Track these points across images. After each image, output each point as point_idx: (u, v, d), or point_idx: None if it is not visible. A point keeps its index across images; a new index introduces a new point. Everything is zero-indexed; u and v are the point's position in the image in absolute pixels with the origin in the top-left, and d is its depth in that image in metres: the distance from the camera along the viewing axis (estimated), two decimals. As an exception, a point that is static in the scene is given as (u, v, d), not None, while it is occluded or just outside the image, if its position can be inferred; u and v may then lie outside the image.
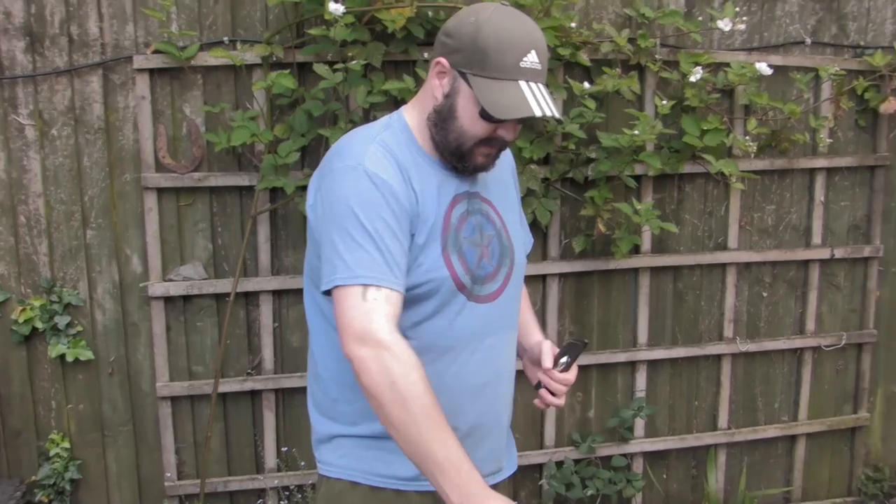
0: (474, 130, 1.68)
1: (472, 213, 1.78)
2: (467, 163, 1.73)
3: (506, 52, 1.63)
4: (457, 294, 1.71)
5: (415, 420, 1.50)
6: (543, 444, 3.42)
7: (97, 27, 2.89)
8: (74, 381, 3.08)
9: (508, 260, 1.83)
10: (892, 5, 3.46)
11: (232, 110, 2.97)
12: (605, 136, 3.13)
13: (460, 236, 1.73)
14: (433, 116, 1.72)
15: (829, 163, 3.47)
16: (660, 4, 3.24)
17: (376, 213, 1.61)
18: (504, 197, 1.89)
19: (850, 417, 3.71)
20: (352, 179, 1.64)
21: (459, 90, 1.67)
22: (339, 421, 1.81)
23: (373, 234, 1.59)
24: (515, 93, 1.62)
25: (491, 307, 1.78)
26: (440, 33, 1.72)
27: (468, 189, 1.79)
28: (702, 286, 3.48)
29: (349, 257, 1.59)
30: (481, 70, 1.63)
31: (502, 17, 1.66)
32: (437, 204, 1.72)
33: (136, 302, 3.06)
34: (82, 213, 2.98)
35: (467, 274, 1.73)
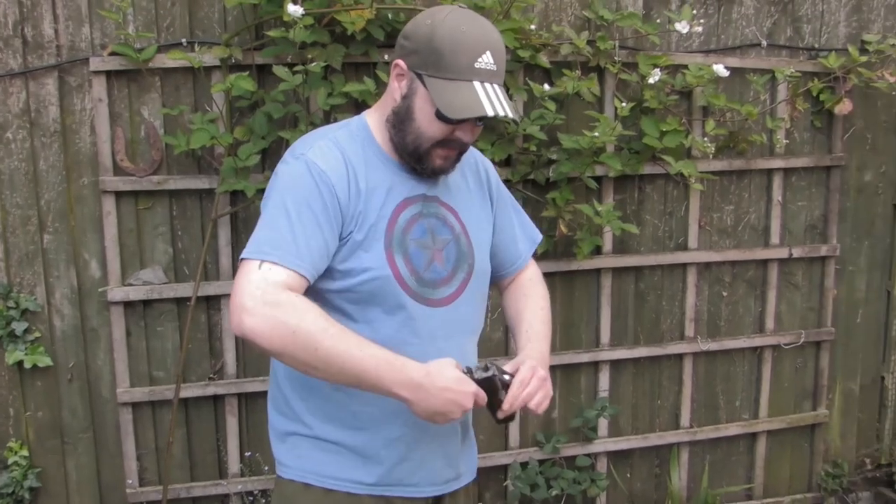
0: (431, 132, 1.69)
1: (424, 216, 1.77)
2: (425, 164, 1.73)
3: (460, 53, 1.63)
4: (401, 295, 1.71)
5: (332, 351, 1.54)
6: (508, 446, 3.41)
7: (52, 28, 2.84)
8: (33, 388, 3.01)
9: (466, 265, 1.82)
10: (844, 8, 3.50)
11: (191, 113, 2.93)
12: (565, 138, 3.13)
13: (407, 237, 1.73)
14: (391, 118, 1.73)
15: (786, 163, 3.50)
16: (618, 7, 3.25)
17: (303, 198, 1.63)
18: (469, 206, 1.88)
19: (810, 414, 3.74)
20: (290, 169, 1.68)
21: (416, 91, 1.68)
22: (291, 418, 1.81)
23: (292, 216, 1.61)
24: (469, 93, 1.63)
25: (445, 311, 1.77)
26: (399, 36, 1.73)
27: (425, 192, 1.79)
28: (663, 286, 3.49)
29: (261, 234, 1.62)
30: (436, 71, 1.64)
31: (457, 18, 1.67)
32: (384, 203, 1.72)
33: (95, 307, 3.01)
34: (39, 217, 2.92)
35: (412, 275, 1.73)
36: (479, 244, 1.87)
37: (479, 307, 1.90)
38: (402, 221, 1.74)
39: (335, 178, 1.66)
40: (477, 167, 1.95)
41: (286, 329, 1.53)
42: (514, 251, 2.03)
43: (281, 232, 1.60)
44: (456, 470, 1.90)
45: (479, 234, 1.88)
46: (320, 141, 1.72)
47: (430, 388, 1.59)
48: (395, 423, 1.76)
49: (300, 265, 1.59)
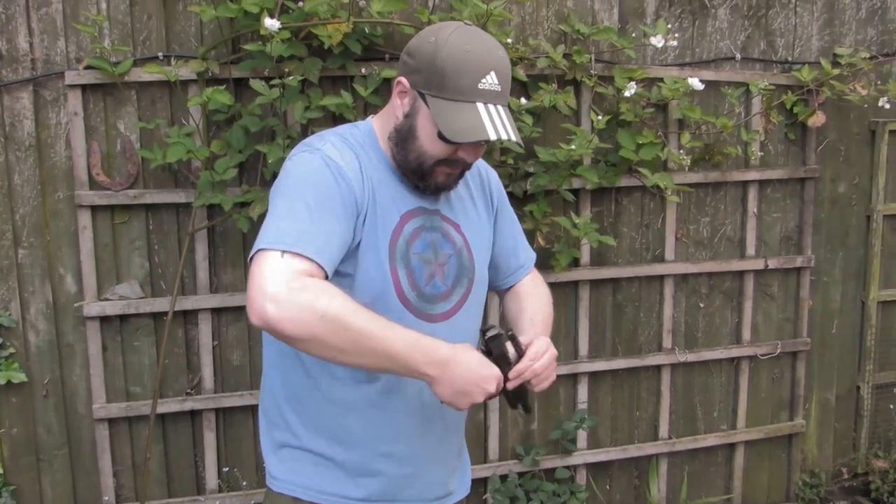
0: (433, 151, 1.65)
1: (427, 230, 1.74)
2: (428, 182, 1.70)
3: (463, 74, 1.59)
4: (402, 310, 1.67)
5: (361, 332, 1.48)
6: (487, 458, 3.38)
7: (27, 42, 2.80)
8: (7, 405, 2.95)
9: (467, 280, 1.79)
10: (817, 22, 3.52)
11: (167, 126, 2.90)
12: (542, 151, 3.12)
13: (410, 250, 1.70)
14: (394, 135, 1.70)
15: (761, 175, 3.51)
16: (594, 21, 3.25)
17: (323, 191, 1.58)
18: (472, 218, 1.85)
19: (787, 425, 3.74)
20: (307, 161, 1.63)
21: (419, 111, 1.65)
22: (284, 430, 1.78)
23: (312, 208, 1.55)
24: (472, 115, 1.59)
25: (443, 326, 1.73)
26: (403, 52, 1.70)
27: (427, 206, 1.75)
28: (640, 298, 3.48)
29: (281, 224, 1.53)
30: (439, 91, 1.60)
31: (462, 37, 1.62)
32: (389, 211, 1.69)
33: (70, 322, 2.96)
34: (13, 232, 2.87)
35: (413, 289, 1.69)
36: (481, 257, 1.85)
37: (476, 319, 1.86)
38: (406, 233, 1.70)
39: (352, 175, 1.63)
40: (480, 175, 1.93)
41: (314, 314, 1.44)
42: (515, 261, 2.00)
43: (302, 223, 1.53)
44: (447, 487, 1.88)
45: (480, 247, 1.85)
46: (333, 137, 1.70)
47: (455, 367, 1.54)
48: (389, 437, 1.74)
49: (322, 257, 1.52)
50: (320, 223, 1.55)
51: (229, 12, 2.76)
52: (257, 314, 1.45)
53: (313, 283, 1.47)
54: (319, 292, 1.46)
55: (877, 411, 3.88)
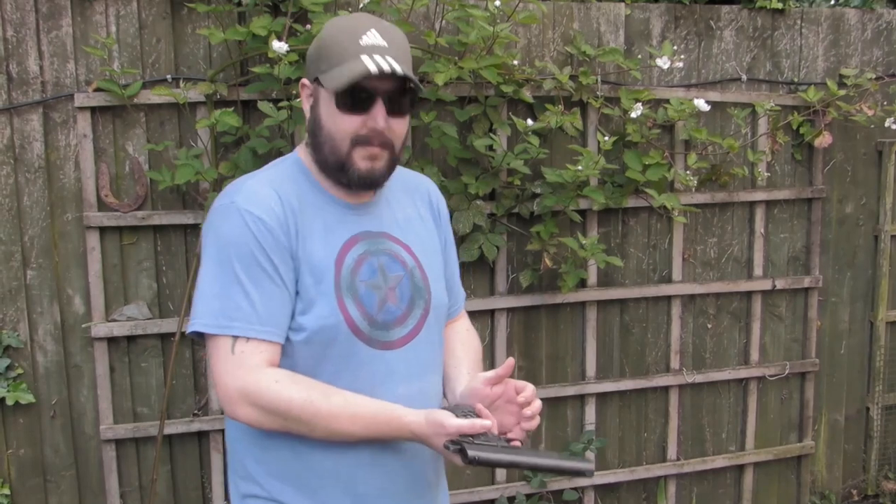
0: (341, 128, 1.55)
1: (372, 254, 1.63)
2: (351, 171, 1.57)
3: (342, 36, 1.55)
4: (355, 342, 1.58)
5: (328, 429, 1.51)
6: (495, 480, 3.35)
7: (37, 65, 2.81)
8: (15, 426, 2.94)
9: (423, 301, 1.68)
10: (822, 43, 3.51)
11: (176, 148, 2.90)
12: (549, 172, 3.11)
13: (356, 280, 1.59)
14: (310, 140, 1.62)
15: (768, 195, 3.49)
16: (600, 42, 3.25)
17: (247, 254, 1.51)
18: (422, 237, 1.75)
19: (796, 446, 3.70)
20: (224, 219, 1.55)
21: (318, 98, 1.59)
22: (249, 481, 1.66)
23: (242, 279, 1.50)
24: (356, 65, 1.50)
25: (402, 353, 1.64)
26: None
27: (370, 229, 1.65)
28: (648, 318, 3.46)
29: (216, 304, 1.51)
30: (325, 64, 1.55)
31: (343, 17, 1.62)
32: (327, 244, 1.59)
33: (78, 343, 2.94)
34: (22, 253, 2.87)
35: (365, 319, 1.59)
36: (435, 277, 1.73)
37: (437, 349, 1.75)
38: (349, 262, 1.60)
39: (274, 223, 1.53)
40: (430, 198, 1.82)
41: (276, 417, 1.50)
42: (453, 294, 1.85)
43: (236, 300, 1.49)
44: None
45: (433, 267, 1.74)
46: (250, 181, 1.59)
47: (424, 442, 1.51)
48: (360, 478, 1.62)
49: (268, 332, 1.51)
50: (257, 294, 1.50)
51: (238, 35, 2.77)
52: (229, 414, 1.53)
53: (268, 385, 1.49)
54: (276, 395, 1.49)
55: (886, 432, 3.84)
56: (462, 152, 3.06)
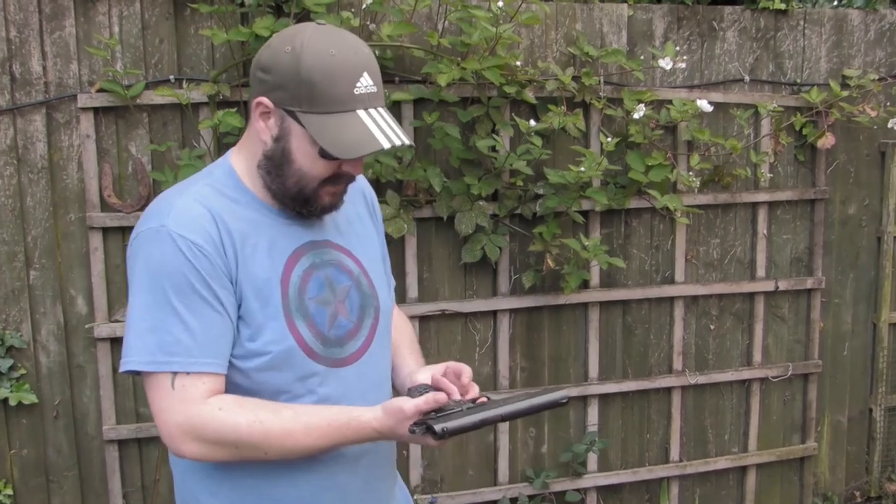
0: (315, 171, 1.46)
1: (318, 267, 1.55)
2: (313, 205, 1.51)
3: (335, 82, 1.41)
4: (311, 364, 1.50)
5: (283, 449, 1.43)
6: (497, 481, 3.34)
7: (40, 66, 2.81)
8: (18, 426, 2.94)
9: (372, 310, 1.61)
10: (825, 44, 3.50)
11: (178, 149, 2.90)
12: (551, 173, 3.11)
13: (305, 297, 1.51)
14: (264, 163, 1.49)
15: (771, 196, 3.48)
16: (602, 43, 3.24)
17: (181, 282, 1.40)
18: (362, 238, 1.68)
19: (799, 447, 3.68)
20: (154, 245, 1.42)
21: (290, 131, 1.44)
22: None
23: (179, 310, 1.40)
24: (356, 126, 1.42)
25: (357, 367, 1.57)
26: (254, 68, 1.49)
27: (313, 238, 1.56)
28: (650, 320, 3.45)
29: (152, 340, 1.40)
30: (311, 106, 1.41)
31: (322, 39, 1.42)
32: (271, 260, 1.49)
33: (81, 343, 2.94)
34: (25, 253, 2.87)
35: (318, 338, 1.51)
36: (380, 282, 1.67)
37: (388, 353, 1.69)
38: (295, 280, 1.51)
39: (209, 246, 1.42)
40: (363, 193, 1.75)
41: (225, 447, 1.42)
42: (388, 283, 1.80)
43: (174, 332, 1.40)
44: None
45: (376, 269, 1.68)
46: (179, 200, 1.46)
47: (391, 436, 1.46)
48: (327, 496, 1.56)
49: (210, 363, 1.41)
50: (197, 323, 1.41)
51: (240, 36, 2.77)
52: (174, 452, 1.44)
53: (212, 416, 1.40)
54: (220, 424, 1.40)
55: (889, 434, 3.82)
56: (465, 153, 3.06)
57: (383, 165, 2.93)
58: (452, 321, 3.23)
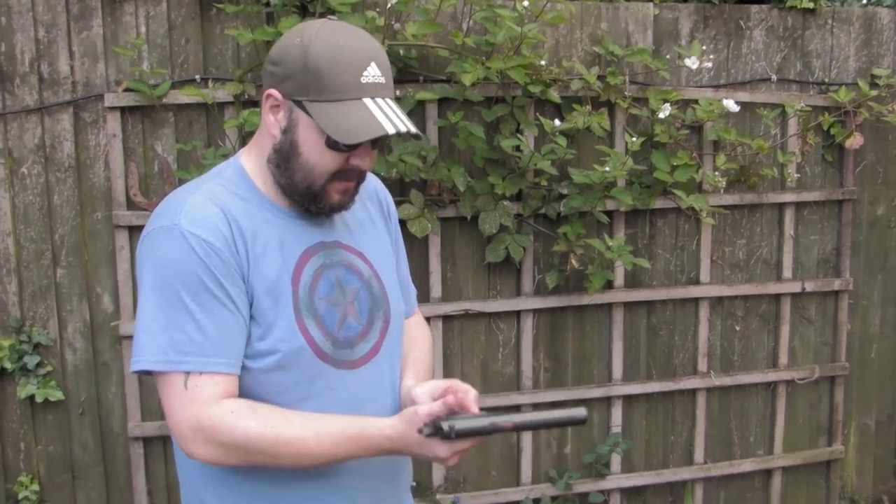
0: (323, 164, 1.45)
1: (328, 268, 1.53)
2: (322, 203, 1.49)
3: (342, 70, 1.40)
4: (320, 365, 1.48)
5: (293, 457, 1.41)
6: (520, 482, 3.33)
7: (68, 65, 2.82)
8: (44, 422, 2.96)
9: (382, 312, 1.59)
10: (854, 43, 3.46)
11: (204, 148, 2.91)
12: (576, 173, 3.09)
13: (315, 297, 1.49)
14: (273, 157, 1.48)
15: (798, 197, 3.44)
16: (628, 42, 3.22)
17: (194, 281, 1.39)
18: (374, 241, 1.66)
19: (825, 450, 3.64)
20: (166, 243, 1.40)
21: (298, 122, 1.43)
22: None
23: (192, 309, 1.39)
24: (362, 112, 1.40)
25: (367, 370, 1.55)
26: (266, 62, 1.49)
27: (323, 239, 1.54)
28: (675, 320, 3.42)
29: (163, 338, 1.38)
30: (318, 94, 1.40)
31: (330, 31, 1.43)
32: (282, 261, 1.48)
33: (107, 341, 2.96)
34: (52, 251, 2.89)
35: (327, 339, 1.49)
36: (391, 284, 1.65)
37: (398, 358, 1.66)
38: (305, 279, 1.49)
39: (221, 245, 1.41)
40: (378, 196, 1.73)
41: (236, 451, 1.39)
42: (406, 294, 1.78)
43: (187, 331, 1.38)
44: None
45: (388, 272, 1.66)
46: (191, 198, 1.45)
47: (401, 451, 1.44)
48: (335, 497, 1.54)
49: (223, 363, 1.40)
50: (210, 322, 1.39)
51: (266, 36, 2.77)
52: (186, 453, 1.42)
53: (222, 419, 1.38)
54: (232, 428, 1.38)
55: (918, 438, 3.78)
56: (489, 153, 3.04)
57: (408, 165, 2.92)
58: (476, 321, 3.22)
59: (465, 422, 1.36)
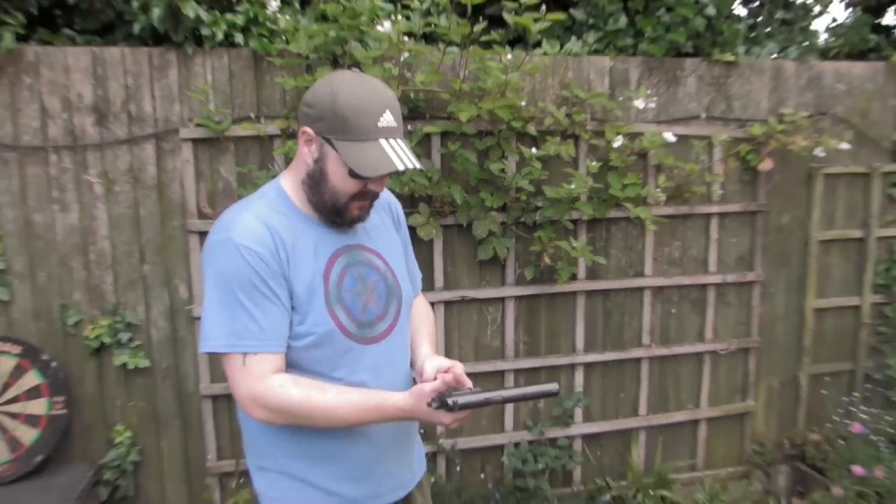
0: (346, 188, 1.44)
1: (352, 266, 1.51)
2: (344, 217, 1.48)
3: (363, 116, 1.38)
4: (347, 342, 1.48)
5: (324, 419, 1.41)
6: (504, 429, 3.25)
7: (151, 106, 2.74)
8: (135, 384, 2.89)
9: (396, 299, 1.58)
10: (765, 88, 3.36)
11: (257, 170, 2.82)
12: (548, 190, 3.00)
13: (342, 290, 1.48)
14: (307, 181, 1.46)
15: (721, 209, 3.34)
16: (589, 88, 3.12)
17: (247, 282, 1.38)
18: (388, 242, 1.63)
19: (740, 405, 3.55)
20: (222, 253, 1.40)
21: (327, 155, 1.42)
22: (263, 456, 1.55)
23: (245, 303, 1.38)
24: (378, 152, 1.38)
25: (386, 343, 1.54)
26: (302, 104, 1.46)
27: (348, 243, 1.53)
28: (625, 305, 3.33)
29: (225, 327, 1.39)
30: (344, 134, 1.39)
31: (354, 83, 1.41)
32: (315, 261, 1.46)
33: (183, 321, 2.88)
34: (140, 251, 2.81)
35: (353, 323, 1.48)
36: (402, 276, 1.63)
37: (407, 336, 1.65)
38: (334, 276, 1.48)
39: (266, 253, 1.40)
40: (390, 207, 1.70)
41: (283, 415, 1.40)
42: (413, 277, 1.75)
43: (243, 321, 1.38)
44: (411, 470, 1.67)
45: (399, 267, 1.64)
46: (242, 216, 1.43)
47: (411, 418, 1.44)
48: (362, 446, 1.53)
49: (272, 344, 1.40)
50: (259, 314, 1.39)
51: (305, 83, 2.69)
52: (247, 415, 1.43)
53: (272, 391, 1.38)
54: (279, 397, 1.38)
55: (812, 395, 3.68)
56: (480, 174, 2.95)
57: (417, 184, 2.84)
58: (470, 305, 3.13)
59: (465, 397, 1.36)
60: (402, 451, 1.62)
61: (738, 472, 3.58)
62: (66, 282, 2.77)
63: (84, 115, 2.70)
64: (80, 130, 2.70)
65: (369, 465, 1.54)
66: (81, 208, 2.75)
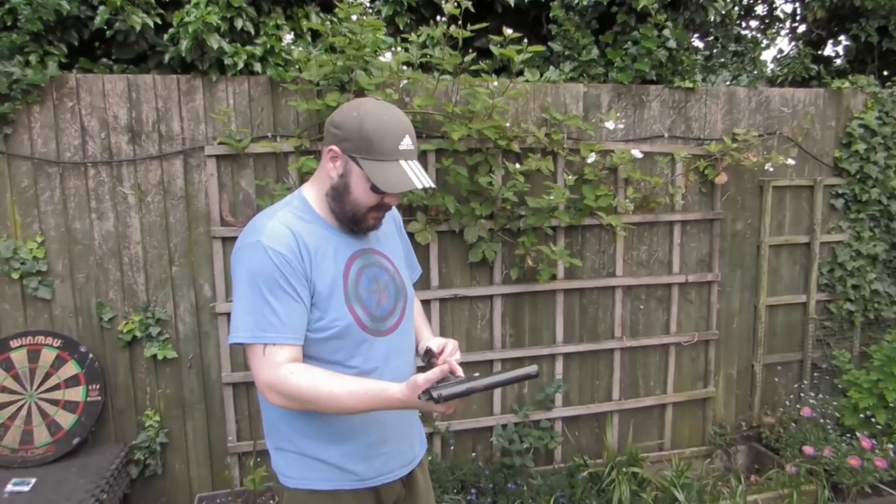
0: (366, 201, 1.48)
1: (367, 267, 1.55)
2: (362, 225, 1.52)
3: (386, 140, 1.42)
4: (363, 334, 1.50)
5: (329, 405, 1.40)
6: (493, 412, 3.28)
7: (179, 126, 2.79)
8: (164, 373, 2.92)
9: (403, 296, 1.61)
10: (721, 111, 3.43)
11: (274, 183, 2.86)
12: (530, 200, 3.05)
13: (360, 288, 1.51)
14: (331, 192, 1.49)
15: (683, 217, 3.41)
16: (566, 110, 3.19)
17: (272, 280, 1.40)
18: (393, 247, 1.67)
19: (702, 391, 3.60)
20: (251, 254, 1.42)
21: (352, 171, 1.45)
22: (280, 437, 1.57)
23: (269, 299, 1.40)
24: (398, 171, 1.43)
25: (394, 335, 1.56)
26: (328, 124, 1.49)
27: (363, 247, 1.56)
28: (599, 302, 3.38)
29: (251, 320, 1.41)
30: (368, 154, 1.43)
31: (380, 110, 1.45)
32: (335, 263, 1.49)
33: (207, 317, 2.92)
34: (169, 255, 2.85)
35: (369, 317, 1.51)
36: (406, 277, 1.66)
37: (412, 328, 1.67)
38: (352, 276, 1.51)
39: (291, 255, 1.42)
40: (393, 216, 1.73)
41: (294, 400, 1.41)
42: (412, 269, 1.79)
43: (266, 315, 1.40)
44: (414, 451, 1.68)
45: (403, 268, 1.67)
46: (269, 223, 1.45)
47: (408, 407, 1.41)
48: (372, 428, 1.55)
49: (290, 337, 1.41)
50: (281, 309, 1.40)
51: (316, 106, 2.75)
52: (266, 398, 1.43)
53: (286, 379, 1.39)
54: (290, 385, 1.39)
55: (766, 382, 3.74)
56: (471, 186, 3.01)
57: (415, 195, 2.89)
58: (462, 302, 3.18)
59: (449, 389, 1.35)
60: (406, 433, 1.64)
61: (701, 451, 3.63)
62: (102, 282, 2.80)
63: (119, 134, 2.75)
64: (115, 148, 2.75)
65: (378, 445, 1.56)
66: (117, 217, 2.79)
